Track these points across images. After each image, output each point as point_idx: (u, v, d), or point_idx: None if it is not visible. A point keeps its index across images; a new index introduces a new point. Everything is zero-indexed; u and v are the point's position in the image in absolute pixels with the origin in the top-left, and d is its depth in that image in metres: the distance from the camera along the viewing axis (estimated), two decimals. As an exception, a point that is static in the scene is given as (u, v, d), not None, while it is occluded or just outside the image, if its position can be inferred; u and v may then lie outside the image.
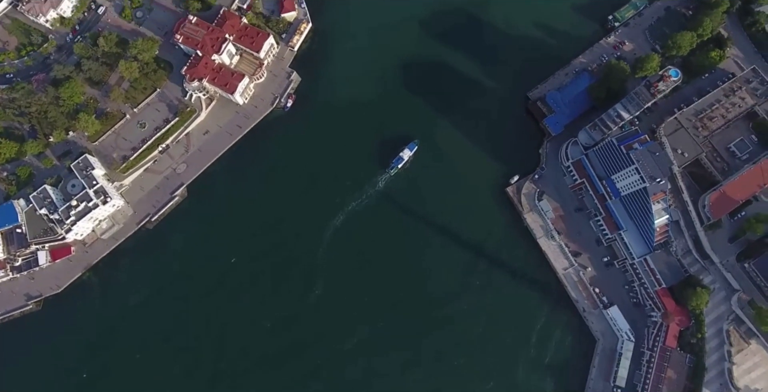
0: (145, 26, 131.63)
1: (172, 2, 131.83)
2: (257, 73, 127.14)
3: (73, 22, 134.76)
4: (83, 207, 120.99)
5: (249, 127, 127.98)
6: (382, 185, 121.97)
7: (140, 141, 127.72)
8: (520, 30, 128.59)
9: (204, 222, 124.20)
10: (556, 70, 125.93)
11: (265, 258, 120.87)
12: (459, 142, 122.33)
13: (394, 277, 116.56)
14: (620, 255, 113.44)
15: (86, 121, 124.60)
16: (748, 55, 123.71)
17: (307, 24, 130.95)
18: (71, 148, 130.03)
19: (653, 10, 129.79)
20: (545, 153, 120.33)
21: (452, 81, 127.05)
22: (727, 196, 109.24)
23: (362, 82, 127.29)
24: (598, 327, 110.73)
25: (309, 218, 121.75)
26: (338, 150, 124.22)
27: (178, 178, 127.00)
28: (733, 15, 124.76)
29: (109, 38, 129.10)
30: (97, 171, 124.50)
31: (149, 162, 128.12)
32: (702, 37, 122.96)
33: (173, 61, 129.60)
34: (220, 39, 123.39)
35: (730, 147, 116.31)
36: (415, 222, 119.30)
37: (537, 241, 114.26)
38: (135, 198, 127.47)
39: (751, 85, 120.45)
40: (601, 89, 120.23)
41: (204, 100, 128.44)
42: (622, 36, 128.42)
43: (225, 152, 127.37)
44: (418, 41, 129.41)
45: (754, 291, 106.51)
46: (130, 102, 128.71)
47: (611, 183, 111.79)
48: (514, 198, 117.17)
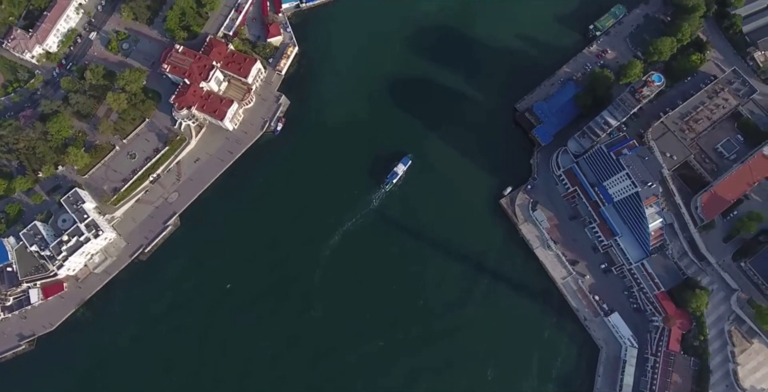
0: (132, 57, 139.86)
1: (158, 33, 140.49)
2: (246, 99, 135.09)
3: (59, 57, 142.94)
4: (75, 241, 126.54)
5: (240, 152, 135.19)
6: (377, 203, 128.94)
7: (131, 172, 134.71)
8: (504, 43, 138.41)
9: (198, 250, 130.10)
10: (541, 81, 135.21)
11: (261, 282, 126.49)
12: (450, 157, 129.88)
13: (394, 294, 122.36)
14: (617, 261, 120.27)
15: (75, 155, 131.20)
16: (728, 57, 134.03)
17: (294, 48, 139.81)
18: (61, 183, 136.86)
19: (632, 18, 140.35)
20: (536, 163, 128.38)
21: (440, 96, 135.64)
22: (718, 196, 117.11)
23: (351, 102, 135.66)
24: (600, 335, 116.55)
25: (304, 240, 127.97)
26: (331, 170, 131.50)
27: (170, 208, 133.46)
28: (710, 19, 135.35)
29: (95, 71, 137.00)
30: (87, 204, 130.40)
31: (140, 192, 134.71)
32: (682, 41, 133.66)
33: (161, 91, 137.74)
34: (207, 66, 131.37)
35: (718, 147, 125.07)
36: (411, 239, 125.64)
37: (534, 252, 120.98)
38: (127, 230, 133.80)
39: (733, 86, 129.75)
40: (587, 97, 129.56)
41: (193, 127, 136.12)
42: (604, 44, 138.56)
43: (217, 179, 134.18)
44: (404, 59, 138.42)
45: (753, 290, 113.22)
46: (119, 133, 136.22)
47: (603, 189, 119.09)
48: (508, 210, 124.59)
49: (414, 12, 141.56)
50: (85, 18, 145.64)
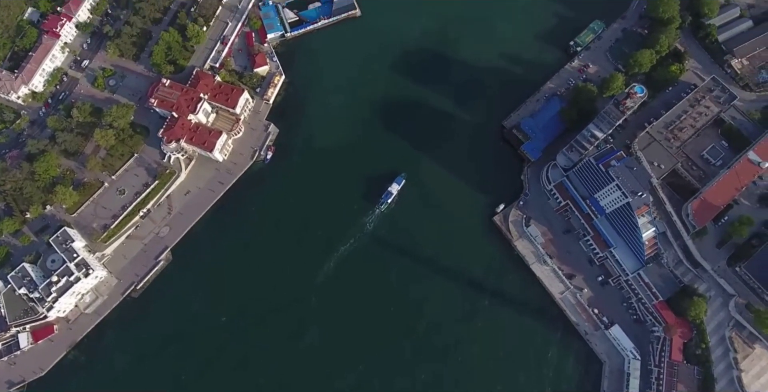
0: (119, 93, 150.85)
1: (145, 68, 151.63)
2: (235, 129, 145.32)
3: (45, 96, 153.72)
4: (65, 282, 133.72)
5: (230, 182, 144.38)
6: (371, 226, 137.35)
7: (120, 208, 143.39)
8: (488, 62, 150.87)
9: (191, 284, 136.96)
10: (526, 98, 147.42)
11: (258, 312, 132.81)
12: (441, 177, 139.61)
13: (392, 318, 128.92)
14: (614, 273, 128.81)
15: (63, 194, 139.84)
16: (706, 66, 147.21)
17: (281, 76, 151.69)
18: (49, 223, 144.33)
19: (611, 33, 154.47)
20: (527, 179, 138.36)
21: (428, 117, 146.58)
22: (708, 203, 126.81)
23: (340, 127, 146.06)
24: (602, 349, 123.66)
25: (299, 268, 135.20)
26: (324, 195, 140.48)
27: (161, 242, 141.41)
28: (686, 30, 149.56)
29: (82, 108, 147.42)
30: (77, 243, 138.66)
31: (131, 228, 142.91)
32: (660, 53, 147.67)
33: (149, 125, 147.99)
34: (195, 99, 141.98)
35: (704, 154, 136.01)
36: (406, 261, 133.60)
37: (530, 267, 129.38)
38: (118, 267, 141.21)
39: (714, 94, 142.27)
40: (573, 111, 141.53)
41: (183, 160, 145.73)
42: (585, 59, 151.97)
43: (208, 210, 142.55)
44: (390, 83, 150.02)
45: (750, 295, 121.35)
46: (108, 169, 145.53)
47: (595, 201, 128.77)
48: (502, 227, 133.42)
49: (397, 37, 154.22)
50: (71, 56, 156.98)
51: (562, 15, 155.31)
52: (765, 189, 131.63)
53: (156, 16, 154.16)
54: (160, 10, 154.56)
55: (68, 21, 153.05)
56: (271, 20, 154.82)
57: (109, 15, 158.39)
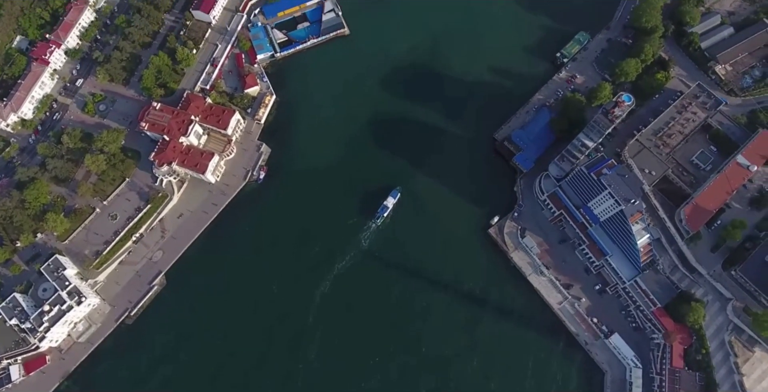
0: (109, 118, 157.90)
1: (135, 92, 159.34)
2: (226, 150, 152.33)
3: (35, 123, 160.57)
4: (56, 311, 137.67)
5: (223, 204, 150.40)
6: (366, 243, 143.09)
7: (112, 233, 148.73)
8: (476, 76, 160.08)
9: (186, 307, 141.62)
10: (516, 110, 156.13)
11: (254, 334, 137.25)
12: (435, 191, 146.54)
13: (389, 333, 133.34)
14: (611, 281, 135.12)
15: (54, 221, 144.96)
16: (691, 73, 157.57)
17: (271, 96, 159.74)
18: (40, 251, 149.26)
19: (596, 43, 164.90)
20: (520, 190, 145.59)
21: (420, 132, 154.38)
22: (700, 208, 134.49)
23: (332, 145, 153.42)
24: (603, 359, 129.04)
25: (296, 287, 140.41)
26: (319, 213, 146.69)
27: (154, 267, 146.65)
28: (669, 38, 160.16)
29: (73, 134, 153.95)
30: (69, 271, 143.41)
31: (123, 254, 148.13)
32: (645, 61, 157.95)
33: (140, 149, 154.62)
34: (186, 121, 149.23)
35: (693, 160, 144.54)
36: (403, 277, 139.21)
37: (527, 279, 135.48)
38: (111, 293, 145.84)
39: (700, 100, 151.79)
40: (563, 122, 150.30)
41: (175, 183, 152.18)
42: (573, 70, 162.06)
43: (201, 233, 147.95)
44: (381, 99, 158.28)
45: (747, 298, 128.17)
46: (99, 195, 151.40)
47: (588, 210, 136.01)
48: (497, 239, 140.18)
49: (386, 54, 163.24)
50: (61, 83, 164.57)
51: (548, 27, 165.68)
52: (755, 192, 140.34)
53: (145, 40, 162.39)
54: (149, 34, 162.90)
55: (57, 48, 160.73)
56: (260, 41, 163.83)
57: (99, 40, 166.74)
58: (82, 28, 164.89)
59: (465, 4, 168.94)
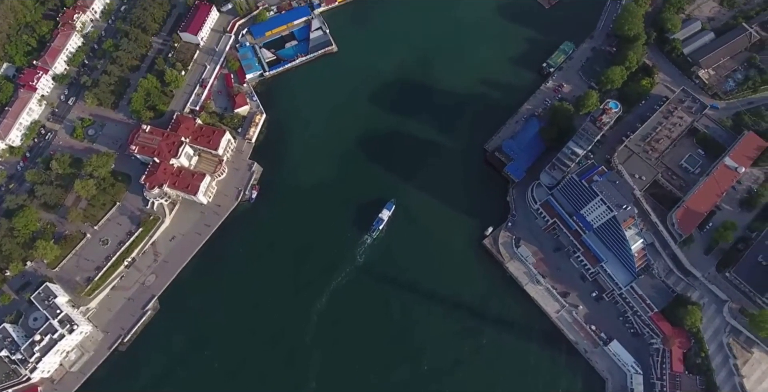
0: (98, 142, 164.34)
1: (124, 115, 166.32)
2: (218, 170, 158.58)
3: (23, 150, 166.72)
4: (48, 340, 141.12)
5: (216, 225, 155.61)
6: (362, 258, 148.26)
7: (104, 259, 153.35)
8: (465, 88, 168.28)
9: (181, 331, 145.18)
10: (506, 120, 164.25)
11: (251, 354, 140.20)
12: (428, 204, 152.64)
13: (388, 349, 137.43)
14: (607, 288, 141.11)
15: (44, 248, 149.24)
16: (675, 78, 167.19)
17: (261, 115, 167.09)
18: (30, 279, 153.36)
19: (581, 53, 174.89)
20: (513, 200, 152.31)
21: (411, 145, 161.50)
22: (691, 211, 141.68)
23: (324, 161, 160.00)
24: (603, 366, 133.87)
25: (292, 306, 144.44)
26: (312, 230, 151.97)
27: (147, 291, 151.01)
28: (652, 45, 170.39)
29: (61, 160, 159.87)
30: (60, 298, 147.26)
31: (116, 279, 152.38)
32: (630, 68, 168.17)
33: (131, 172, 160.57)
34: (176, 143, 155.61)
35: (682, 163, 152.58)
36: (399, 290, 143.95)
37: (524, 288, 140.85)
38: (104, 320, 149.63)
39: (685, 104, 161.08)
40: (552, 130, 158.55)
41: (167, 205, 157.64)
42: (559, 79, 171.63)
43: (194, 255, 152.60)
44: (371, 114, 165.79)
45: (742, 299, 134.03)
46: (90, 220, 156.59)
47: (581, 217, 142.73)
48: (492, 250, 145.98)
49: (374, 70, 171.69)
50: (49, 109, 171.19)
51: (532, 38, 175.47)
52: (745, 193, 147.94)
53: (133, 63, 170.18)
54: (137, 57, 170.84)
55: (45, 74, 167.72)
56: (249, 61, 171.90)
57: (86, 65, 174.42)
58: (70, 53, 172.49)
59: (450, 19, 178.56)
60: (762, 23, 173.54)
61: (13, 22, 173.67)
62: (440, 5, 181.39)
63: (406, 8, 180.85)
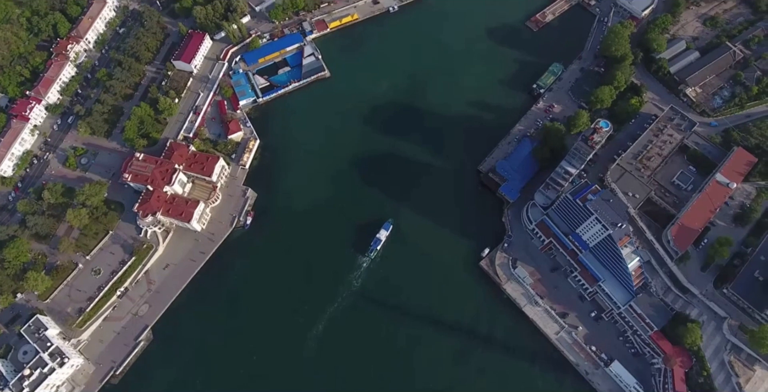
0: (91, 171, 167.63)
1: (117, 143, 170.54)
2: (212, 197, 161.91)
3: (14, 180, 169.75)
4: (38, 374, 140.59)
5: (210, 252, 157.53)
6: (359, 282, 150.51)
7: (96, 289, 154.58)
8: (457, 110, 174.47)
9: (174, 362, 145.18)
10: (498, 141, 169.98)
11: (248, 384, 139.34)
12: (424, 226, 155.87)
13: (388, 373, 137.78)
14: (606, 307, 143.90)
15: (35, 280, 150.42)
16: (663, 97, 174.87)
17: (255, 141, 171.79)
18: (20, 311, 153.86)
19: (570, 74, 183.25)
20: (508, 220, 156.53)
21: (406, 168, 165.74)
22: (686, 227, 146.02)
23: (319, 185, 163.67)
24: (605, 388, 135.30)
25: (288, 333, 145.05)
26: (307, 255, 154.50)
27: (140, 321, 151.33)
28: (639, 65, 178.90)
29: (53, 190, 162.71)
30: (50, 331, 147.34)
31: (108, 309, 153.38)
32: (619, 88, 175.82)
33: (124, 201, 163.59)
34: (170, 170, 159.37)
35: (674, 180, 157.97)
36: (397, 314, 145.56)
37: (522, 310, 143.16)
38: (95, 352, 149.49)
39: (674, 122, 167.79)
40: (544, 150, 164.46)
41: (160, 233, 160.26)
42: (550, 100, 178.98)
43: (188, 283, 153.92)
44: (364, 137, 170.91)
45: (741, 315, 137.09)
46: (82, 250, 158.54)
47: (577, 237, 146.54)
48: (489, 271, 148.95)
49: (367, 94, 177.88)
50: (41, 139, 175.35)
51: (522, 60, 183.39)
52: (738, 208, 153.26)
53: (127, 92, 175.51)
54: (130, 86, 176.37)
55: (38, 104, 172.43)
56: (242, 87, 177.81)
57: (80, 94, 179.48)
58: (63, 83, 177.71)
59: (440, 43, 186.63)
60: (745, 42, 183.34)
61: (6, 53, 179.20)
62: (430, 30, 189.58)
63: (396, 34, 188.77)
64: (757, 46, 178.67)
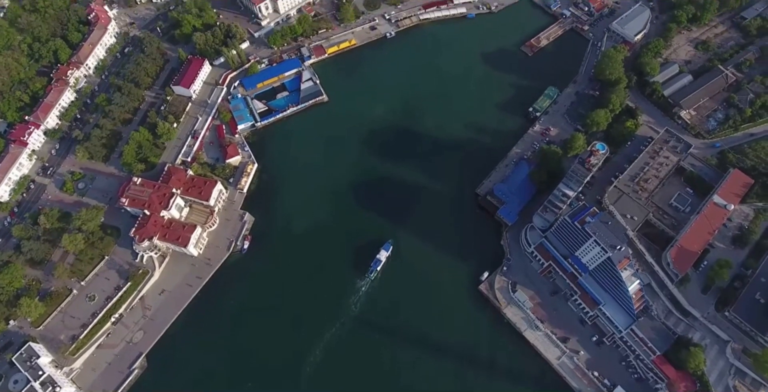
0: (88, 196, 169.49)
1: (115, 168, 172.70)
2: (209, 221, 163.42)
3: (11, 205, 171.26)
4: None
5: (207, 277, 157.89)
6: (357, 307, 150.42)
7: (90, 315, 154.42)
8: (453, 134, 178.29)
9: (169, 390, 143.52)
10: (496, 164, 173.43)
11: None
12: (423, 250, 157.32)
13: None
14: (607, 331, 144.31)
15: (29, 306, 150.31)
16: (658, 119, 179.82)
17: (253, 165, 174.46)
18: (12, 339, 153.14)
19: (565, 97, 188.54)
20: (507, 243, 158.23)
21: (403, 191, 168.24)
22: (685, 250, 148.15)
23: (316, 209, 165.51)
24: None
25: (285, 360, 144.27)
26: (304, 280, 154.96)
27: (135, 349, 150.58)
28: (633, 88, 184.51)
29: (50, 215, 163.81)
30: (43, 359, 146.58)
31: (102, 337, 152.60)
32: (614, 111, 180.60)
33: (120, 225, 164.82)
34: (167, 195, 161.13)
35: (672, 202, 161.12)
36: (396, 339, 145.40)
37: (523, 334, 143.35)
38: (88, 381, 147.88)
39: (670, 144, 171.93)
40: (542, 173, 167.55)
41: (156, 258, 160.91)
42: (546, 123, 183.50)
43: (184, 309, 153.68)
44: (361, 161, 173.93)
45: (744, 338, 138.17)
46: (77, 276, 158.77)
47: (577, 259, 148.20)
48: (489, 295, 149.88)
49: (365, 118, 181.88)
50: (39, 163, 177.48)
51: (517, 84, 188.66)
52: (736, 230, 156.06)
53: (126, 117, 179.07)
54: (129, 111, 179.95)
55: (36, 129, 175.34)
56: (240, 112, 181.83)
57: (79, 119, 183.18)
58: (62, 108, 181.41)
59: (436, 68, 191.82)
60: (736, 65, 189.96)
61: (6, 79, 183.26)
62: (426, 56, 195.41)
63: (393, 59, 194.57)
64: (748, 70, 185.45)
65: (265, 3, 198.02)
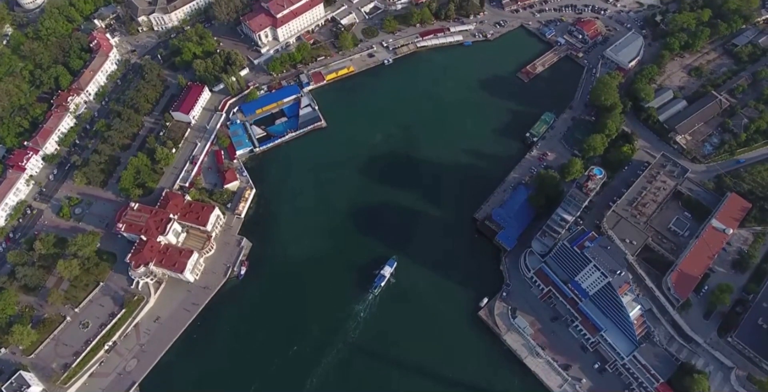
0: (85, 221, 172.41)
1: (113, 193, 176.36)
2: (206, 247, 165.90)
3: (6, 231, 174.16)
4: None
5: (203, 303, 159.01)
6: (355, 334, 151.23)
7: (83, 343, 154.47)
8: (452, 160, 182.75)
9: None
10: (494, 189, 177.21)
11: None
12: (421, 276, 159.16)
13: None
14: (609, 358, 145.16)
15: (21, 334, 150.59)
16: (654, 144, 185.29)
17: (251, 190, 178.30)
18: (3, 367, 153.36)
19: (562, 122, 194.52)
20: (506, 268, 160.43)
21: (401, 217, 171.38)
22: (685, 274, 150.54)
23: (314, 235, 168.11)
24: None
25: (282, 386, 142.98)
26: (301, 306, 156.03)
27: (128, 378, 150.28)
28: (629, 113, 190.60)
29: (45, 240, 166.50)
30: (33, 388, 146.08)
31: (94, 365, 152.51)
32: (610, 136, 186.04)
33: (116, 251, 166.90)
34: (164, 220, 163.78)
35: (671, 227, 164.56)
36: (394, 367, 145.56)
37: (523, 362, 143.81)
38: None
39: (667, 168, 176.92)
40: (540, 198, 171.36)
41: (152, 284, 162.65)
42: (543, 148, 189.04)
43: (179, 337, 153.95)
44: (361, 187, 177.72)
45: (748, 365, 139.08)
46: (71, 302, 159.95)
47: (577, 285, 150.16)
48: (488, 321, 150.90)
49: (362, 144, 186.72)
50: (36, 188, 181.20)
51: (514, 110, 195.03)
52: (736, 254, 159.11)
53: (124, 142, 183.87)
54: (128, 136, 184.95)
55: (35, 154, 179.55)
56: (239, 137, 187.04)
57: (77, 145, 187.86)
58: (62, 133, 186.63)
59: (434, 95, 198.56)
60: (730, 90, 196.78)
61: (7, 104, 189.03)
62: (424, 82, 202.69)
63: (391, 85, 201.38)
64: (742, 95, 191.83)
65: (265, 31, 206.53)
